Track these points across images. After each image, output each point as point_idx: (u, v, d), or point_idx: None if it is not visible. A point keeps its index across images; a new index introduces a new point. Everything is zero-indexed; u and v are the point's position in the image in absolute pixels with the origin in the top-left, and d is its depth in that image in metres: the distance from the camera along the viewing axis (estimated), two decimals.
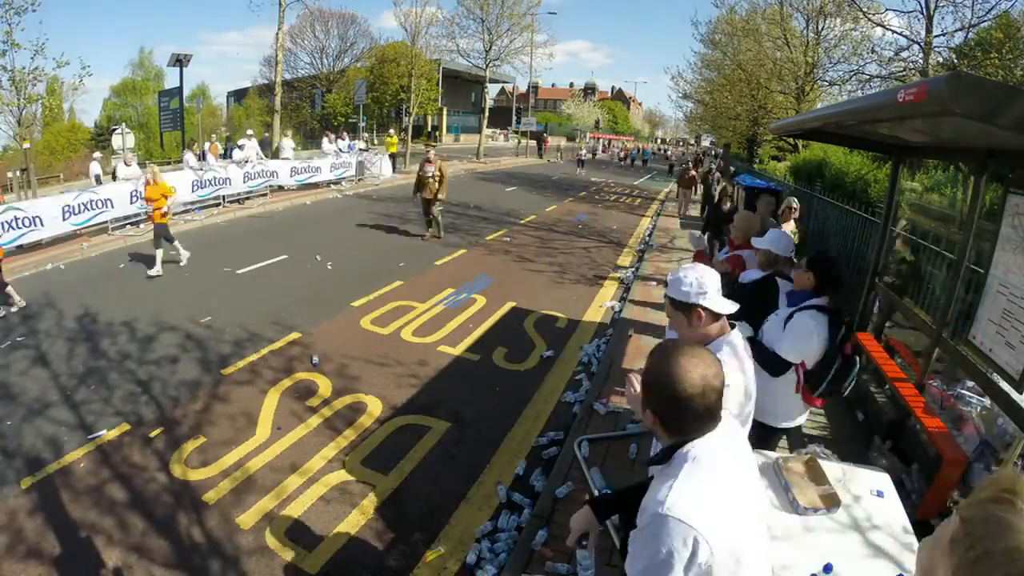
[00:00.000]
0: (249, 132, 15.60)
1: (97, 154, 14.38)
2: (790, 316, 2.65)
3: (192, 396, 4.49)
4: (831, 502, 2.06)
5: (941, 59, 11.63)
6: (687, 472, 1.22)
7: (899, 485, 2.42)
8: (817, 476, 2.21)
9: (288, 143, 16.66)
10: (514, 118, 43.34)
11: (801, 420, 2.76)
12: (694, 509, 1.16)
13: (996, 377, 2.58)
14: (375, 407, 4.42)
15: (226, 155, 16.92)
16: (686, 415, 1.24)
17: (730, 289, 3.07)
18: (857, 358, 2.65)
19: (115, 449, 3.73)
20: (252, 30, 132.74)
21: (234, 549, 2.94)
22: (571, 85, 78.96)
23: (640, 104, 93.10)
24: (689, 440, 1.27)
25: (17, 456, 3.64)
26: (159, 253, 7.64)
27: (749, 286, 3.44)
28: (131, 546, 2.92)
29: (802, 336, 2.55)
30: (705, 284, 1.80)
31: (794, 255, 3.52)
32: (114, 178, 11.50)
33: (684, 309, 1.84)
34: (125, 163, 11.58)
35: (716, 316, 1.83)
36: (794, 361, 2.55)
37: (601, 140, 47.43)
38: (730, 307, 1.81)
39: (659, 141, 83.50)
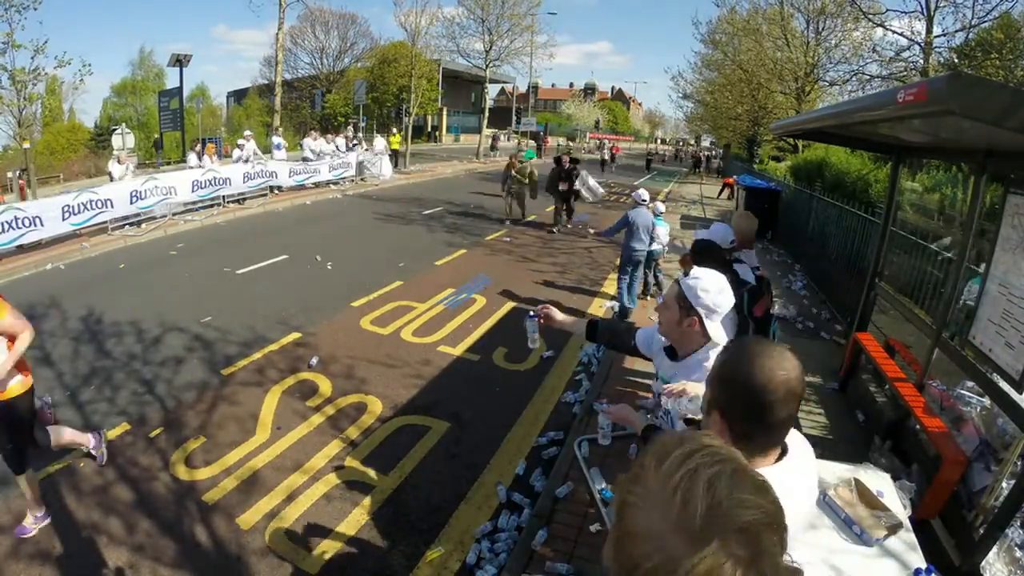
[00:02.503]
0: (247, 132, 15.60)
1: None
2: None
3: (193, 396, 4.49)
4: (897, 527, 2.01)
5: (942, 59, 11.64)
6: None
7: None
8: (868, 498, 2.15)
9: (308, 142, 16.98)
10: (514, 118, 43.34)
11: None
12: None
13: (996, 377, 2.58)
14: (376, 407, 4.42)
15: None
16: (760, 421, 1.11)
17: None
18: (772, 317, 2.89)
19: (116, 449, 3.73)
20: (270, 28, 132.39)
21: (235, 548, 2.94)
22: (571, 85, 78.95)
23: (640, 104, 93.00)
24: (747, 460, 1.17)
25: None
26: None
27: None
28: (130, 546, 2.92)
29: None
30: (719, 305, 1.76)
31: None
32: (111, 179, 11.45)
33: (686, 309, 1.82)
34: (119, 161, 11.52)
35: (705, 333, 1.80)
36: None
37: (605, 141, 46.98)
38: (722, 339, 1.76)
39: (659, 141, 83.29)
